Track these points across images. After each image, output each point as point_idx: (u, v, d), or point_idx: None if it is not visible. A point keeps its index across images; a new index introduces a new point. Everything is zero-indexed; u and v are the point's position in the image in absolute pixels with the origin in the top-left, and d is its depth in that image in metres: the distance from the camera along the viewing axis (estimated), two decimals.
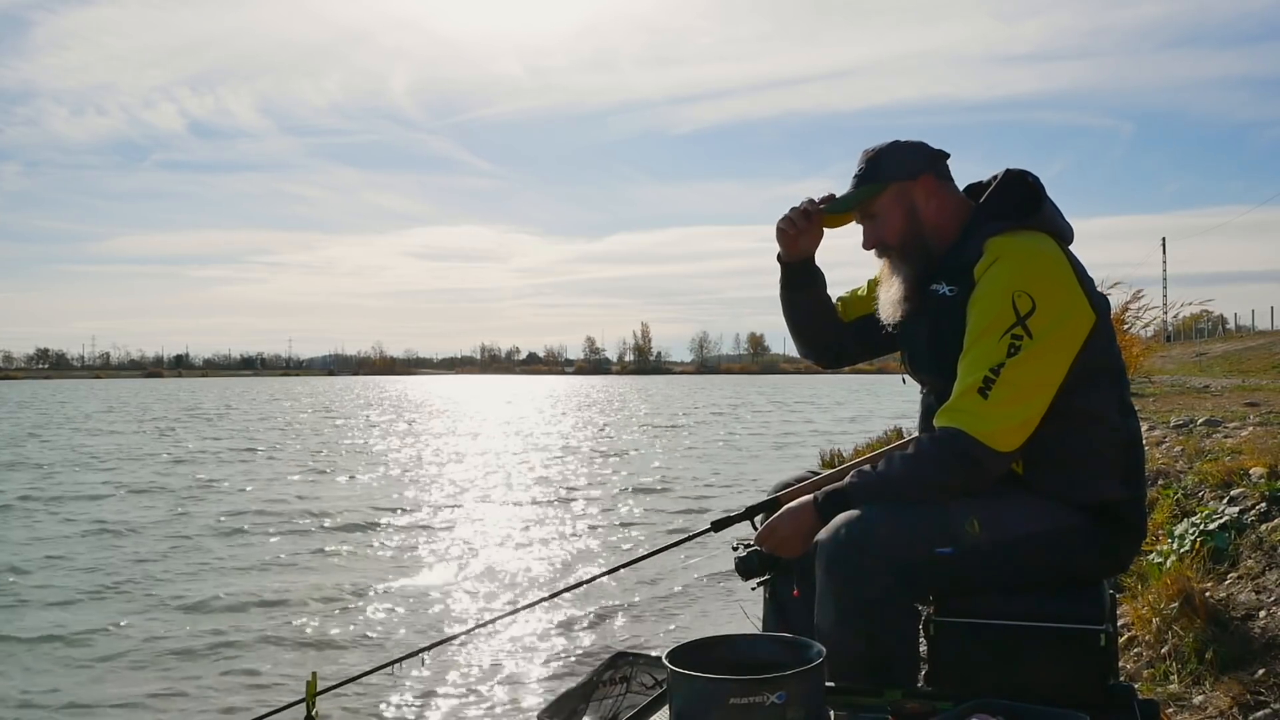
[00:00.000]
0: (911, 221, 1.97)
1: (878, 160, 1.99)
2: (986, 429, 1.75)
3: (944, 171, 2.02)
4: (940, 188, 2.00)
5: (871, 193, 1.98)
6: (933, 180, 1.99)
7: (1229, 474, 3.80)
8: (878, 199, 1.98)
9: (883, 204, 1.98)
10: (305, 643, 4.75)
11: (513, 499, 9.98)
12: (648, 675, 1.93)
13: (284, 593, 5.78)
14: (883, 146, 2.02)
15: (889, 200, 1.98)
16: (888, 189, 1.98)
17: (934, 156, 2.02)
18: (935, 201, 1.98)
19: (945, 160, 2.04)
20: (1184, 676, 2.66)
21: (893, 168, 1.98)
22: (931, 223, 1.97)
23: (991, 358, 1.77)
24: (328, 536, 7.73)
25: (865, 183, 1.99)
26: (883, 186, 1.98)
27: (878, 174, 1.98)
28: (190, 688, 4.11)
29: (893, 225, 1.98)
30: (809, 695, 1.42)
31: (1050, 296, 1.78)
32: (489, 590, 5.88)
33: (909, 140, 2.04)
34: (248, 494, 10.40)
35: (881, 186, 1.98)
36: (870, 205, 1.99)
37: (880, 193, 1.98)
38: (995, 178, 2.01)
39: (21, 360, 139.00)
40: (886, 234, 1.99)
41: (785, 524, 1.88)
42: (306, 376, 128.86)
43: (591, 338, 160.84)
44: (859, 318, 2.22)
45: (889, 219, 1.98)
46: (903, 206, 1.98)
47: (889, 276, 2.02)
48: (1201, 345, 31.00)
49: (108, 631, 4.98)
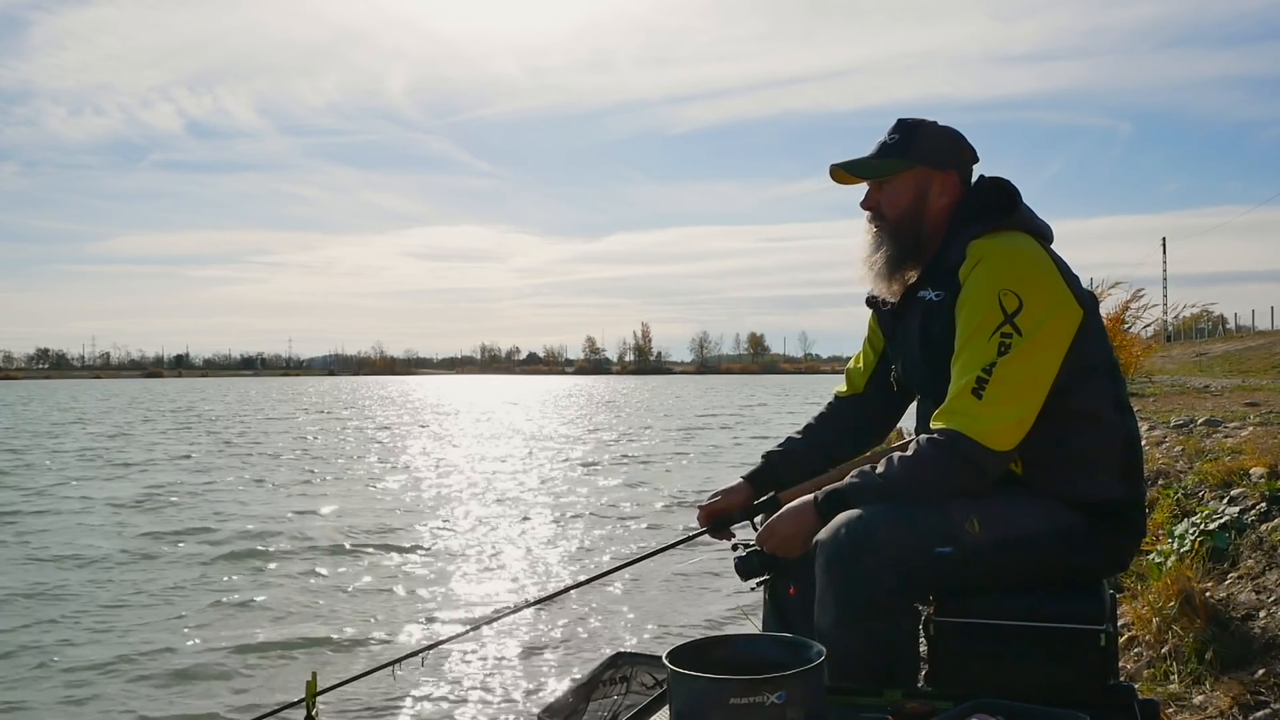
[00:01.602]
0: (917, 207, 1.97)
1: (913, 137, 1.97)
2: (983, 429, 1.75)
3: (967, 175, 2.02)
4: (957, 190, 1.99)
5: (892, 169, 1.97)
6: (955, 180, 1.98)
7: (1229, 474, 3.79)
8: (898, 175, 1.97)
9: (900, 180, 1.97)
10: (305, 643, 4.75)
11: (513, 499, 9.97)
12: (648, 675, 1.93)
13: (284, 593, 5.78)
14: (925, 123, 2.00)
15: (907, 179, 1.97)
16: (911, 170, 1.96)
17: (967, 157, 2.01)
18: (946, 200, 1.98)
19: (973, 164, 2.03)
20: (1184, 676, 2.66)
21: (925, 151, 1.97)
22: (933, 217, 1.97)
23: (983, 358, 1.77)
24: (328, 537, 7.72)
25: (892, 156, 1.97)
26: (907, 165, 1.96)
27: (907, 151, 1.96)
28: (190, 687, 4.11)
29: (898, 203, 1.97)
30: (809, 695, 1.42)
31: (1036, 293, 1.79)
32: (489, 590, 5.88)
33: (952, 129, 2.02)
34: (248, 495, 10.39)
35: (906, 165, 1.96)
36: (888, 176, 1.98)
37: (903, 170, 1.96)
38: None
39: (21, 360, 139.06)
40: (888, 207, 1.98)
41: (785, 524, 1.87)
42: (307, 376, 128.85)
43: (592, 338, 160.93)
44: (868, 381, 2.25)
45: (898, 195, 1.97)
46: (917, 190, 1.97)
47: (873, 246, 2.01)
48: (1202, 345, 30.99)
49: (107, 631, 4.98)
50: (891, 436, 2.37)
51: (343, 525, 8.27)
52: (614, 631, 4.91)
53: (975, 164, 2.03)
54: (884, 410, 2.26)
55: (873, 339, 2.25)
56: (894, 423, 2.30)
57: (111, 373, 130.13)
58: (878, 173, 1.98)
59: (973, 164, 2.03)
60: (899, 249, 1.97)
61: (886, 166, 1.97)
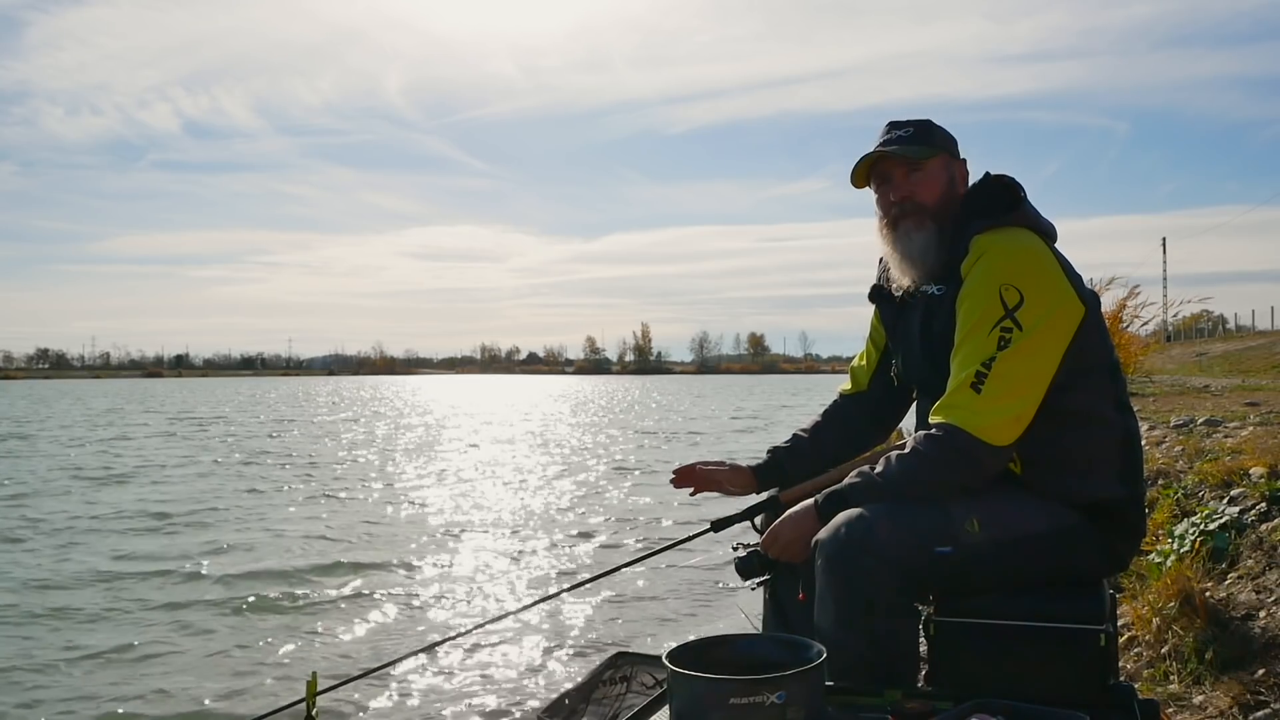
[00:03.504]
0: (950, 191, 2.00)
1: (930, 128, 2.02)
2: (981, 423, 1.75)
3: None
4: (967, 181, 2.05)
5: (925, 154, 1.99)
6: (964, 169, 2.05)
7: (1229, 474, 3.79)
8: (929, 160, 1.99)
9: (932, 165, 1.99)
10: (305, 643, 4.75)
11: (512, 499, 9.97)
12: (648, 675, 1.93)
13: (284, 593, 5.78)
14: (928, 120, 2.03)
15: (938, 165, 2.00)
16: (939, 155, 2.00)
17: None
18: (962, 188, 2.03)
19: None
20: (1184, 676, 2.65)
21: (944, 140, 2.02)
22: (957, 203, 2.00)
23: (983, 352, 1.77)
24: (328, 536, 7.72)
25: (918, 144, 1.99)
26: (935, 152, 1.99)
27: (931, 139, 2.00)
28: (190, 687, 4.11)
29: (934, 188, 1.99)
30: (809, 695, 1.42)
31: (1037, 289, 1.79)
32: (489, 590, 5.87)
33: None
34: (249, 495, 10.39)
35: (934, 151, 1.99)
36: (920, 162, 1.99)
37: (932, 156, 1.99)
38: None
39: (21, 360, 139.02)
40: (924, 192, 1.98)
41: (788, 529, 1.87)
42: (307, 376, 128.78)
43: (592, 338, 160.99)
44: (873, 377, 2.27)
45: (933, 180, 1.99)
46: (947, 175, 2.00)
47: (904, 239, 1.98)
48: (1201, 345, 30.98)
49: (106, 631, 4.98)
50: (893, 437, 2.37)
51: (343, 527, 8.27)
52: (614, 631, 4.91)
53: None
54: (889, 407, 2.27)
55: (875, 336, 2.26)
56: (898, 419, 2.31)
57: (111, 373, 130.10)
58: (919, 155, 1.98)
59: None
60: (939, 233, 1.96)
61: (921, 151, 1.98)
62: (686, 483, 2.27)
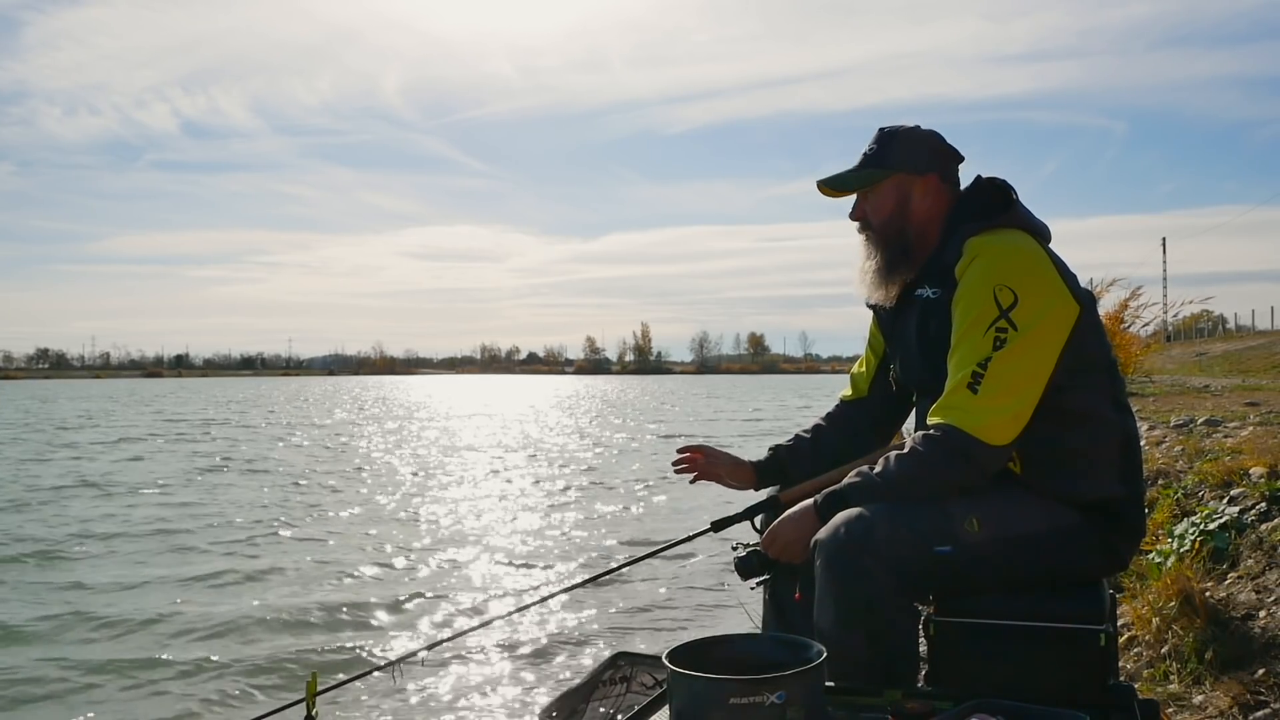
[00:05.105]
0: (900, 213, 2.00)
1: (889, 146, 2.01)
2: (978, 423, 1.75)
3: (951, 174, 2.04)
4: (941, 191, 2.01)
5: (871, 179, 2.01)
6: (936, 182, 2.01)
7: (1229, 473, 3.79)
8: (879, 184, 2.00)
9: (882, 189, 2.01)
10: (305, 643, 4.74)
11: (512, 499, 9.97)
12: (648, 675, 1.93)
13: (284, 593, 5.78)
14: (901, 131, 2.03)
15: (888, 187, 2.00)
16: (891, 178, 2.00)
17: (946, 157, 2.04)
18: (930, 201, 2.00)
19: (957, 163, 2.05)
20: (1184, 676, 2.65)
21: (901, 158, 2.00)
22: (918, 220, 2.00)
23: (978, 352, 1.78)
24: (328, 537, 7.72)
25: (870, 167, 2.01)
26: (885, 174, 2.00)
27: (884, 161, 2.00)
28: (190, 687, 4.11)
29: (882, 210, 2.01)
30: (809, 695, 1.42)
31: (1031, 288, 1.79)
32: (489, 591, 5.87)
33: (930, 131, 2.05)
34: (248, 496, 10.39)
35: (884, 174, 2.00)
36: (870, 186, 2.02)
37: (882, 180, 2.00)
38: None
39: (21, 360, 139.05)
40: (873, 215, 2.03)
41: (788, 530, 1.88)
42: (307, 376, 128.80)
43: (591, 338, 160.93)
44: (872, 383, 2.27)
45: (881, 203, 2.01)
46: (898, 197, 2.00)
47: (865, 255, 2.06)
48: (1202, 345, 30.97)
49: (106, 631, 4.98)
50: (893, 438, 2.38)
51: (343, 525, 8.27)
52: (614, 631, 4.91)
53: (960, 162, 2.06)
54: (888, 412, 2.28)
55: (873, 342, 2.28)
56: (899, 424, 2.32)
57: (111, 372, 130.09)
58: (858, 184, 2.02)
59: (955, 163, 2.05)
60: (889, 255, 2.01)
61: (866, 178, 2.02)
62: (690, 465, 2.27)
